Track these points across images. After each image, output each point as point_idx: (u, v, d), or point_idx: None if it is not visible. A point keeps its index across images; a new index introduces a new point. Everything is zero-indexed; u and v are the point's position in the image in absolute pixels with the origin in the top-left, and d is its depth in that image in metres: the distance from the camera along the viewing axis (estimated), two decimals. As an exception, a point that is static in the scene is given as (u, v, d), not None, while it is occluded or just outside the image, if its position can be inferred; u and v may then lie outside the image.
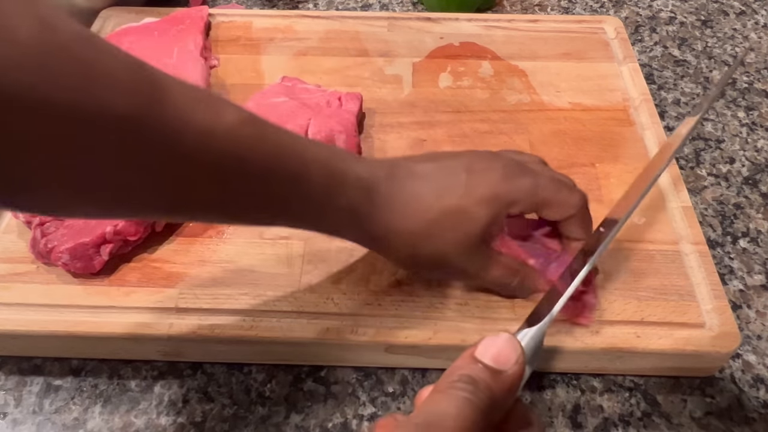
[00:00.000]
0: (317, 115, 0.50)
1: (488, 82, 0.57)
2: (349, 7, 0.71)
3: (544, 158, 0.42)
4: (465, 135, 0.52)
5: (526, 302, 0.42)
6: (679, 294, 0.42)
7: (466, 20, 0.63)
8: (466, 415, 0.22)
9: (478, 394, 0.23)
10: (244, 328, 0.40)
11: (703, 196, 0.52)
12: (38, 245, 0.43)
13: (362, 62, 0.58)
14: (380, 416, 0.40)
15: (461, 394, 0.23)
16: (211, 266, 0.44)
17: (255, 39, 0.61)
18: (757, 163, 0.55)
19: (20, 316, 0.41)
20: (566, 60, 0.59)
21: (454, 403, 0.23)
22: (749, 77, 0.62)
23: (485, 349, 0.25)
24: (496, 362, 0.24)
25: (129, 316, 0.41)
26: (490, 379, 0.24)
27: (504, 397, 0.24)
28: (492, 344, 0.25)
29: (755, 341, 0.44)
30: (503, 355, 0.24)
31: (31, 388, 0.42)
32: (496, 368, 0.24)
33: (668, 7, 0.71)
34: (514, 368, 0.24)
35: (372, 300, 0.42)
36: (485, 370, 0.24)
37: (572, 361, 0.41)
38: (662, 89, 0.61)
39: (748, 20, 0.69)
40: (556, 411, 0.41)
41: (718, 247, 0.49)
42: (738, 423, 0.40)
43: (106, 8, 0.63)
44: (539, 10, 0.70)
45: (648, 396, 0.41)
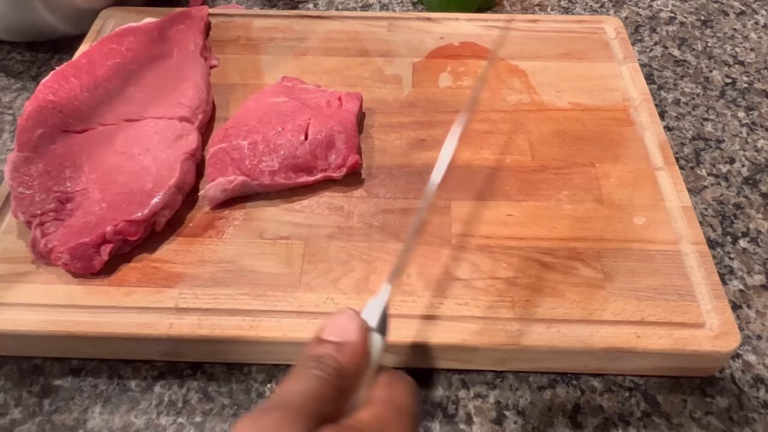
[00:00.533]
0: (317, 115, 0.50)
1: (488, 82, 0.57)
2: (349, 7, 0.71)
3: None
4: (465, 135, 0.52)
5: (526, 302, 0.42)
6: (679, 294, 0.42)
7: (466, 20, 0.63)
8: (312, 388, 0.24)
9: (324, 368, 0.24)
10: (244, 328, 0.40)
11: (703, 196, 0.52)
12: (38, 245, 0.43)
13: (362, 62, 0.58)
14: (380, 416, 0.40)
15: (308, 372, 0.24)
16: (211, 266, 0.44)
17: (255, 39, 0.61)
18: (757, 163, 0.55)
19: (20, 316, 0.41)
20: (566, 60, 0.59)
21: (301, 381, 0.24)
22: (749, 77, 0.62)
23: (327, 328, 0.27)
24: (337, 336, 0.26)
25: (129, 316, 0.41)
26: (334, 352, 0.25)
27: (354, 365, 0.25)
28: (332, 322, 0.27)
29: (755, 341, 0.44)
30: (343, 328, 0.26)
31: (31, 388, 0.42)
32: (339, 341, 0.26)
33: (668, 7, 0.71)
34: (356, 337, 0.26)
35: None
36: (329, 346, 0.26)
37: (572, 361, 0.41)
38: (662, 89, 0.61)
39: (748, 20, 0.69)
40: (556, 411, 0.41)
41: (718, 247, 0.49)
42: (738, 423, 0.40)
43: (106, 8, 0.63)
44: (539, 10, 0.70)
45: (648, 396, 0.41)
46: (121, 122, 0.50)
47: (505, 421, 0.40)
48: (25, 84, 0.62)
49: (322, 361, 0.25)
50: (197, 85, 0.53)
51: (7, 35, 0.64)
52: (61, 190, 0.46)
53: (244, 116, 0.51)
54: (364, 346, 0.26)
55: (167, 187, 0.45)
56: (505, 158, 0.51)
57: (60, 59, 0.64)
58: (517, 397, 0.41)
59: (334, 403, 0.24)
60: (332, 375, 0.25)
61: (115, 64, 0.55)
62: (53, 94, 0.51)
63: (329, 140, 0.48)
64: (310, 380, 0.24)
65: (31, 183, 0.46)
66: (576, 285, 0.43)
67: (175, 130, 0.49)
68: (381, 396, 0.26)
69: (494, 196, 0.48)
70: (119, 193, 0.45)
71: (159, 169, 0.46)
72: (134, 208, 0.44)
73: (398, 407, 0.25)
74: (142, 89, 0.53)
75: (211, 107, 0.54)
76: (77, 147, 0.48)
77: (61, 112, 0.50)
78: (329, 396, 0.24)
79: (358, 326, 0.26)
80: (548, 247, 0.45)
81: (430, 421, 0.40)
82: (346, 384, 0.25)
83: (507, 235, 0.46)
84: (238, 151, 0.48)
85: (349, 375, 0.25)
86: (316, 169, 0.48)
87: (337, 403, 0.24)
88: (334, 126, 0.49)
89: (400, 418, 0.25)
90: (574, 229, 0.46)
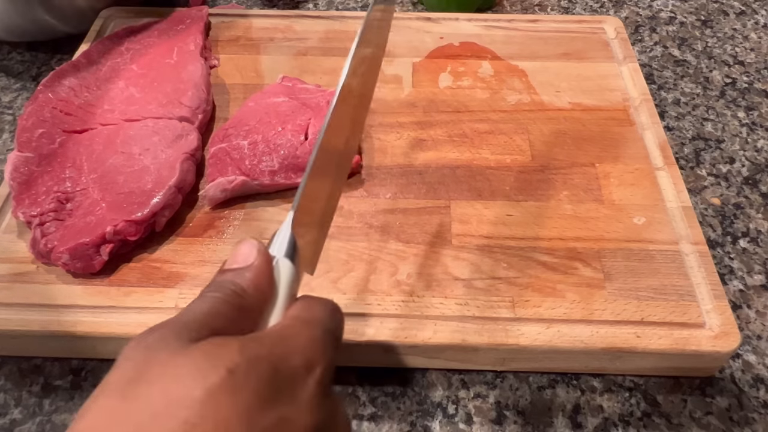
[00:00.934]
0: (317, 115, 0.50)
1: (488, 82, 0.57)
2: (349, 7, 0.71)
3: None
4: (465, 135, 0.52)
5: (526, 302, 0.42)
6: (679, 294, 0.42)
7: (466, 20, 0.63)
8: (206, 306, 0.24)
9: (222, 290, 0.25)
10: (244, 328, 0.40)
11: (703, 196, 0.52)
12: (38, 245, 0.43)
13: (362, 62, 0.58)
14: (380, 416, 0.40)
15: (205, 294, 0.25)
16: (211, 266, 0.44)
17: (255, 39, 0.61)
18: (757, 163, 0.55)
19: (20, 316, 0.41)
20: (566, 60, 0.59)
21: (196, 302, 0.25)
22: (749, 77, 0.62)
23: (230, 258, 0.27)
24: (237, 262, 0.26)
25: (129, 316, 0.41)
26: (234, 277, 0.26)
27: (255, 287, 0.26)
28: (234, 252, 0.27)
29: (755, 341, 0.44)
30: (242, 255, 0.26)
31: (31, 388, 0.42)
32: (239, 266, 0.26)
33: (668, 7, 0.71)
34: (258, 260, 0.26)
35: (372, 300, 0.42)
36: (229, 272, 0.26)
37: (572, 361, 0.41)
38: (662, 89, 0.61)
39: (748, 20, 0.69)
40: (556, 411, 0.41)
41: (718, 247, 0.49)
42: (738, 423, 0.40)
43: (106, 8, 0.63)
44: (539, 10, 0.70)
45: (648, 396, 0.41)
46: (121, 122, 0.50)
47: (505, 421, 0.40)
48: (25, 84, 0.62)
49: (221, 284, 0.25)
50: (197, 85, 0.53)
51: (7, 35, 0.64)
52: (61, 190, 0.46)
53: (244, 116, 0.51)
54: (264, 269, 0.26)
55: (167, 187, 0.45)
56: (505, 158, 0.51)
57: (60, 59, 0.64)
58: (517, 397, 0.41)
59: (233, 321, 0.24)
60: (230, 295, 0.25)
61: (115, 64, 0.55)
62: (53, 94, 0.51)
63: (329, 140, 0.48)
64: (205, 300, 0.25)
65: (31, 183, 0.46)
66: (576, 285, 0.43)
67: (175, 130, 0.49)
68: (290, 313, 0.26)
69: (494, 196, 0.48)
70: (119, 193, 0.45)
71: (159, 169, 0.46)
72: (134, 208, 0.44)
73: (306, 321, 0.25)
74: (142, 89, 0.53)
75: (211, 107, 0.54)
76: (77, 147, 0.48)
77: (61, 112, 0.50)
78: (225, 313, 0.24)
79: (257, 251, 0.26)
80: (548, 247, 0.45)
81: (430, 421, 0.40)
82: (246, 303, 0.25)
83: (507, 235, 0.46)
84: (238, 151, 0.48)
85: (250, 295, 0.25)
86: (316, 169, 0.48)
87: (237, 323, 0.24)
88: (334, 126, 0.49)
89: (308, 329, 0.25)
90: (574, 229, 0.46)
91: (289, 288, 0.27)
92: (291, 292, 0.27)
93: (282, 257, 0.27)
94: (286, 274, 0.27)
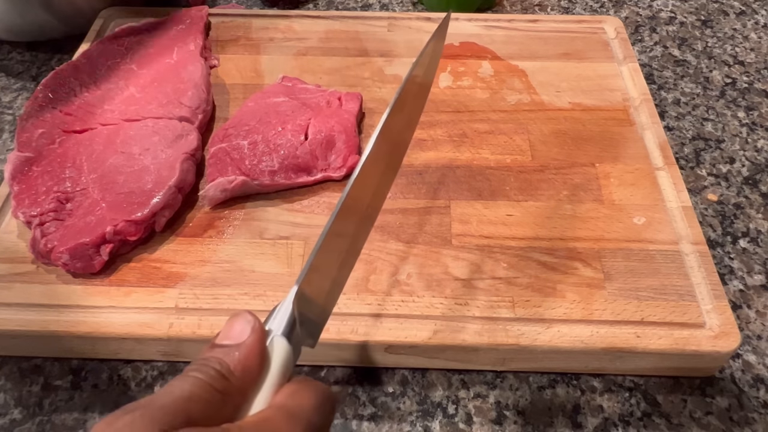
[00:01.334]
0: (317, 115, 0.50)
1: (488, 82, 0.57)
2: (349, 7, 0.71)
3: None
4: (465, 135, 0.52)
5: (526, 302, 0.42)
6: (679, 294, 0.42)
7: (466, 20, 0.63)
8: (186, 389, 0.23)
9: (205, 371, 0.23)
10: (244, 328, 0.40)
11: (703, 196, 0.52)
12: (38, 245, 0.43)
13: (362, 62, 0.58)
14: (380, 416, 0.40)
15: (188, 374, 0.23)
16: (211, 266, 0.44)
17: (255, 39, 0.61)
18: (757, 163, 0.55)
19: (20, 316, 0.41)
20: (566, 60, 0.59)
21: (177, 382, 0.23)
22: (749, 77, 0.62)
23: (222, 332, 0.25)
24: (228, 339, 0.25)
25: (129, 316, 0.41)
26: (222, 355, 0.24)
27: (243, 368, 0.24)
28: (226, 326, 0.25)
29: (755, 341, 0.44)
30: (235, 330, 0.25)
31: (31, 388, 0.42)
32: (230, 343, 0.24)
33: (668, 7, 0.71)
34: (251, 338, 0.25)
35: (372, 300, 0.42)
36: (217, 349, 0.24)
37: (572, 361, 0.41)
38: (662, 89, 0.61)
39: (748, 20, 0.69)
40: (556, 411, 0.41)
41: (718, 247, 0.49)
42: (738, 423, 0.40)
43: (106, 8, 0.63)
44: (539, 10, 0.70)
45: (648, 396, 0.41)
46: (121, 122, 0.50)
47: (505, 421, 0.40)
48: (25, 84, 0.62)
49: (205, 364, 0.24)
50: (197, 85, 0.53)
51: (7, 35, 0.64)
52: (61, 190, 0.46)
53: (244, 116, 0.51)
54: (256, 348, 0.25)
55: (167, 187, 0.45)
56: (505, 158, 0.51)
57: (60, 59, 0.64)
58: (517, 397, 0.41)
59: (214, 406, 0.23)
60: (213, 377, 0.23)
61: (115, 64, 0.55)
62: (53, 94, 0.51)
63: (329, 140, 0.49)
64: (186, 381, 0.23)
65: (31, 183, 0.46)
66: (576, 285, 0.43)
67: (175, 130, 0.49)
68: (276, 401, 0.24)
69: (494, 196, 0.48)
70: (119, 193, 0.45)
71: (159, 169, 0.46)
72: (134, 208, 0.44)
73: (291, 413, 0.23)
74: (142, 89, 0.53)
75: (211, 107, 0.54)
76: (77, 147, 0.48)
77: (61, 112, 0.50)
78: (205, 398, 0.23)
79: (251, 328, 0.25)
80: (548, 247, 0.45)
81: (430, 421, 0.40)
82: (231, 387, 0.23)
83: (507, 235, 0.46)
84: (238, 151, 0.48)
85: (237, 378, 0.24)
86: (316, 169, 0.48)
87: (218, 408, 0.23)
88: (334, 126, 0.49)
89: (290, 423, 0.23)
90: (574, 229, 0.46)
91: (282, 369, 0.25)
92: (284, 372, 0.25)
93: (278, 335, 0.26)
94: (280, 354, 0.25)
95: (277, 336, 0.25)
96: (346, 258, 0.32)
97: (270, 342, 0.25)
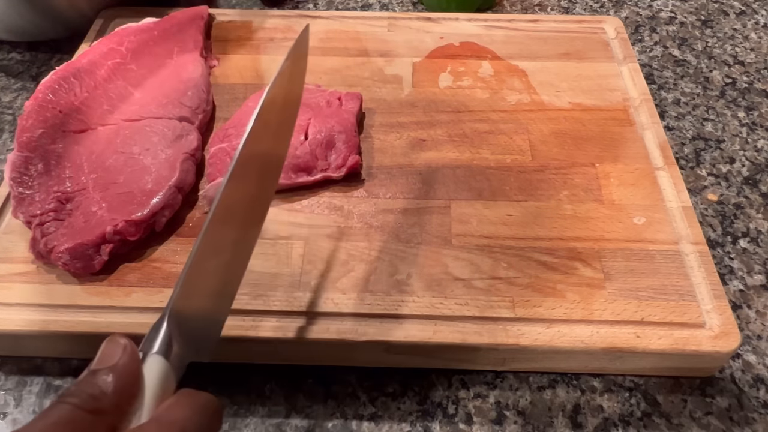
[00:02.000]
0: (317, 115, 0.50)
1: (488, 82, 0.57)
2: (349, 7, 0.71)
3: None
4: (465, 135, 0.52)
5: (526, 302, 0.42)
6: (679, 294, 0.42)
7: (466, 20, 0.63)
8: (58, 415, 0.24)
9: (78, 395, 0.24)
10: (244, 328, 0.40)
11: (703, 196, 0.52)
12: (38, 245, 0.43)
13: (362, 62, 0.58)
14: (380, 416, 0.40)
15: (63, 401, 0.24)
16: (211, 266, 0.44)
17: (255, 39, 0.61)
18: (757, 163, 0.55)
19: (20, 316, 0.41)
20: (566, 60, 0.59)
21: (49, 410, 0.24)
22: (749, 77, 0.62)
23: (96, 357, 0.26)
24: (102, 363, 0.26)
25: (129, 316, 0.41)
26: (94, 379, 0.25)
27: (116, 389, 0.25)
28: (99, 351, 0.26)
29: (755, 341, 0.44)
30: (106, 353, 0.26)
31: (31, 388, 0.42)
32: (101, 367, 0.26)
33: (668, 7, 0.71)
34: (122, 359, 0.26)
35: (372, 300, 0.42)
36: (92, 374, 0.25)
37: (572, 361, 0.41)
38: (662, 89, 0.61)
39: (748, 20, 0.69)
40: (556, 411, 0.41)
41: (718, 247, 0.49)
42: (738, 423, 0.40)
43: (106, 8, 0.63)
44: (539, 10, 0.70)
45: (648, 396, 0.41)
46: (121, 122, 0.50)
47: (505, 421, 0.40)
48: (25, 84, 0.62)
49: (78, 389, 0.25)
50: (197, 85, 0.53)
51: (7, 35, 0.64)
52: (61, 190, 0.46)
53: (244, 116, 0.51)
54: (128, 369, 0.26)
55: (167, 187, 0.45)
56: (505, 158, 0.51)
57: (60, 59, 0.64)
58: (517, 397, 0.41)
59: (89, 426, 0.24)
60: (85, 401, 0.24)
61: (115, 64, 0.55)
62: (53, 94, 0.51)
63: (329, 140, 0.49)
64: (59, 409, 0.24)
65: (31, 183, 0.46)
66: (576, 285, 0.43)
67: (175, 130, 0.49)
68: (154, 414, 0.25)
69: (494, 196, 0.48)
70: (119, 193, 0.45)
71: (159, 169, 0.46)
72: (134, 208, 0.44)
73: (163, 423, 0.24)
74: (142, 89, 0.53)
75: (211, 107, 0.54)
76: (77, 147, 0.48)
77: (61, 112, 0.50)
78: (78, 420, 0.24)
79: (121, 350, 0.26)
80: (548, 247, 0.45)
81: (430, 421, 0.40)
82: (104, 407, 0.24)
83: (507, 235, 0.46)
84: (238, 151, 0.48)
85: (109, 398, 0.25)
86: (316, 169, 0.48)
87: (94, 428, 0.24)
88: (334, 126, 0.49)
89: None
90: (574, 229, 0.46)
91: (159, 386, 0.26)
92: (163, 389, 0.26)
93: (154, 353, 0.26)
94: (156, 372, 0.26)
95: (153, 354, 0.26)
96: (228, 269, 0.32)
97: (146, 361, 0.26)
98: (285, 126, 0.37)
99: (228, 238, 0.32)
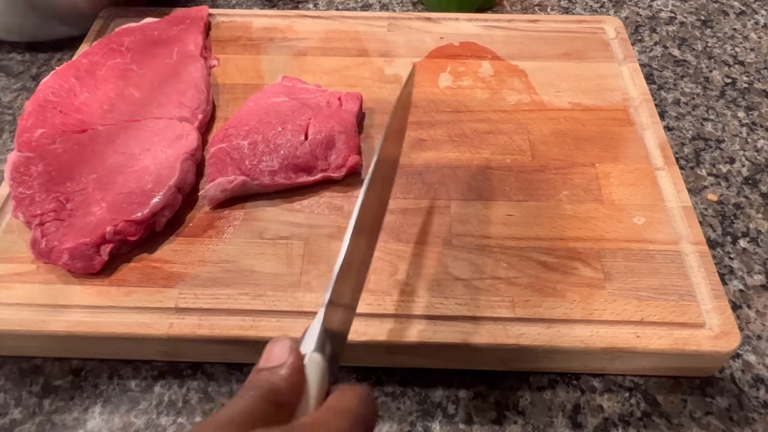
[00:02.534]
0: (317, 115, 0.50)
1: (488, 82, 0.57)
2: (349, 7, 0.71)
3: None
4: (465, 135, 0.52)
5: (525, 302, 0.42)
6: (679, 294, 0.42)
7: (466, 20, 0.63)
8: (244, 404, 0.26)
9: (257, 388, 0.27)
10: (244, 328, 0.40)
11: (703, 196, 0.52)
12: (38, 245, 0.43)
13: (362, 62, 0.58)
14: (380, 416, 0.40)
15: (245, 394, 0.27)
16: (211, 266, 0.44)
17: (255, 39, 0.61)
18: (757, 163, 0.55)
19: (20, 316, 0.41)
20: (566, 60, 0.59)
21: (234, 400, 0.26)
22: (749, 77, 0.62)
23: (262, 358, 0.29)
24: (271, 361, 0.28)
25: (129, 316, 0.41)
26: (269, 375, 0.27)
27: (288, 383, 0.27)
28: (265, 352, 0.29)
29: (755, 341, 0.44)
30: (275, 353, 0.28)
31: (31, 388, 0.42)
32: (273, 365, 0.28)
33: (668, 7, 0.71)
34: (290, 358, 0.28)
35: (372, 300, 0.42)
36: (264, 371, 0.28)
37: (572, 361, 0.41)
38: (662, 89, 0.61)
39: (748, 20, 0.69)
40: (556, 411, 0.41)
41: (718, 247, 0.49)
42: (738, 423, 0.40)
43: (106, 8, 0.63)
44: (539, 10, 0.70)
45: (648, 396, 0.41)
46: (121, 122, 0.50)
47: (505, 421, 0.40)
48: (25, 84, 0.62)
49: (257, 383, 0.27)
50: (197, 85, 0.53)
51: (7, 35, 0.64)
52: (61, 190, 0.46)
53: (244, 116, 0.51)
54: (296, 366, 0.28)
55: (167, 187, 0.45)
56: (505, 158, 0.51)
57: (60, 59, 0.64)
58: (517, 397, 0.41)
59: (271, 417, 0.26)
60: (266, 392, 0.26)
61: (115, 64, 0.55)
62: (53, 94, 0.51)
63: (329, 140, 0.49)
64: (244, 398, 0.26)
65: (31, 183, 0.46)
66: (576, 285, 0.43)
67: (175, 130, 0.49)
68: (325, 404, 0.27)
69: (494, 196, 0.48)
70: (119, 193, 0.45)
71: (159, 169, 0.46)
72: (134, 208, 0.44)
73: (337, 410, 0.26)
74: (142, 89, 0.53)
75: (211, 107, 0.54)
76: (77, 147, 0.48)
77: (61, 112, 0.50)
78: (263, 410, 0.26)
79: (288, 349, 0.28)
80: (548, 247, 0.45)
81: (430, 421, 0.40)
82: (281, 400, 0.27)
83: (507, 235, 0.46)
84: (238, 151, 0.48)
85: (284, 392, 0.27)
86: (316, 169, 0.48)
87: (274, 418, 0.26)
88: (334, 126, 0.49)
89: (338, 419, 0.26)
90: (574, 229, 0.46)
91: (320, 381, 0.28)
92: (322, 383, 0.28)
93: (312, 352, 0.28)
94: (317, 369, 0.28)
95: (311, 353, 0.28)
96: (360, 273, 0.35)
97: (307, 360, 0.28)
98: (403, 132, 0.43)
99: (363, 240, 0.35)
